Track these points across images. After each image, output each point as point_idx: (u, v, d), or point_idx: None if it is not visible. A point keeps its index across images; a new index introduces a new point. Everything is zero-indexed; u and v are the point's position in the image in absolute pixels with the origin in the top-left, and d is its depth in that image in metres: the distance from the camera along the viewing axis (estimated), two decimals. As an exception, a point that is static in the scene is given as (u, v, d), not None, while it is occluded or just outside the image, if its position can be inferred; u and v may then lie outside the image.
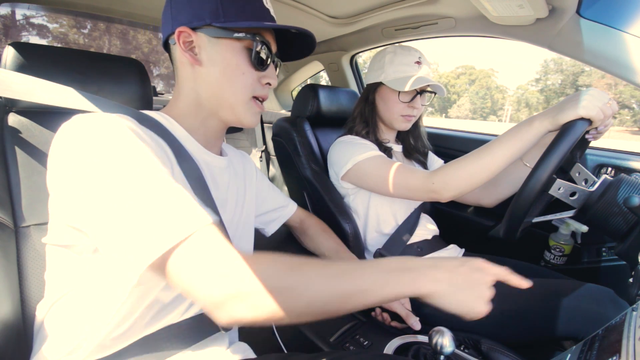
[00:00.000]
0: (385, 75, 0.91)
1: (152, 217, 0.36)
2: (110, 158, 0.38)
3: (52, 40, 10.38)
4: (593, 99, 0.61)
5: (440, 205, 1.23)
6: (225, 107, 0.54)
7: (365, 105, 0.98)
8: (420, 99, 0.92)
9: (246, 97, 0.53)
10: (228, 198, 0.61)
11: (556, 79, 62.52)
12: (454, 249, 1.01)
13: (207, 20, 0.49)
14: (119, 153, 0.39)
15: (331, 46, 1.54)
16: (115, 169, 0.38)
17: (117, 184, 0.37)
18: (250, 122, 0.56)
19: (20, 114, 0.61)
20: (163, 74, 6.99)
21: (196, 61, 0.51)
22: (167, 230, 0.36)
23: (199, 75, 0.52)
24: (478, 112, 70.04)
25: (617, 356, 0.33)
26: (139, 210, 0.36)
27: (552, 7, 0.78)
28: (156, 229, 0.36)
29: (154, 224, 0.36)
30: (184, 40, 0.50)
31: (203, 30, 0.50)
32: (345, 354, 0.53)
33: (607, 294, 0.69)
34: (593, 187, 0.66)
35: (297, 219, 0.88)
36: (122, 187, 0.37)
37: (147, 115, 0.51)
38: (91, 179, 0.38)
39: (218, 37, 0.50)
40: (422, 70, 0.90)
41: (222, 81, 0.52)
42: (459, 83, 72.98)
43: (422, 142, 1.05)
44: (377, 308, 0.77)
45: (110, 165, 0.38)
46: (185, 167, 0.50)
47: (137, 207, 0.36)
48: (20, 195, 0.58)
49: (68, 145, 0.40)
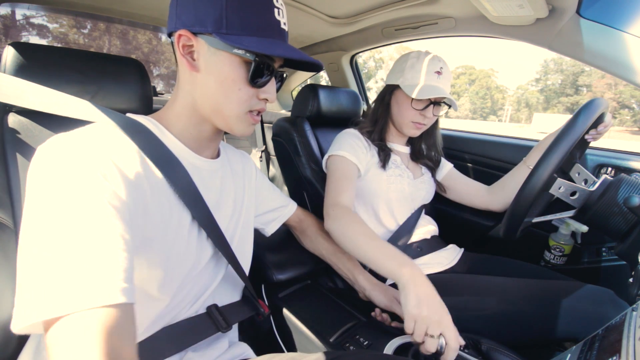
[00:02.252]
0: (403, 79, 0.91)
1: (52, 275, 0.31)
2: (46, 198, 0.35)
3: (52, 40, 10.37)
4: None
5: (440, 205, 1.23)
6: (219, 117, 0.52)
7: (380, 104, 0.98)
8: (434, 109, 0.91)
9: (241, 112, 0.51)
10: (223, 200, 0.61)
11: (556, 79, 62.48)
12: (453, 249, 1.01)
13: (209, 28, 0.46)
14: (56, 194, 0.35)
15: (331, 46, 1.54)
16: (44, 211, 0.34)
17: (39, 227, 0.34)
18: (242, 133, 0.54)
19: (20, 114, 0.61)
20: (163, 74, 6.98)
21: (193, 67, 0.49)
22: (52, 298, 0.31)
23: (196, 81, 0.51)
24: (478, 112, 70.00)
25: (617, 356, 0.33)
26: (42, 263, 0.32)
27: (552, 7, 0.78)
28: (48, 290, 0.31)
29: (49, 284, 0.31)
30: (184, 44, 0.48)
31: (204, 37, 0.47)
32: (345, 354, 0.53)
33: (607, 294, 0.69)
34: (593, 187, 0.66)
35: (297, 218, 0.88)
36: (40, 231, 0.33)
37: (135, 121, 0.50)
38: (26, 214, 0.35)
39: (217, 48, 0.47)
40: (441, 80, 0.89)
41: (218, 93, 0.50)
42: (459, 83, 72.96)
43: (435, 150, 1.05)
44: (377, 309, 0.77)
45: (42, 205, 0.35)
46: (172, 174, 0.48)
47: (43, 259, 0.32)
48: (20, 195, 0.58)
49: (30, 173, 0.38)
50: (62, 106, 0.52)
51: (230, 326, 0.59)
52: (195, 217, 0.52)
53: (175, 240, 0.49)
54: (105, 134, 0.44)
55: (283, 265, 0.84)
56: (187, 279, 0.52)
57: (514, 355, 0.65)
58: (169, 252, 0.48)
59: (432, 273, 0.91)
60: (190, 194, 0.51)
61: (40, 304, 0.31)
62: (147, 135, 0.49)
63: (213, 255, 0.57)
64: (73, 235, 0.33)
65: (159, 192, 0.47)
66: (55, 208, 0.34)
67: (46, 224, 0.34)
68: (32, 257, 0.32)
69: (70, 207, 0.35)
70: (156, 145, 0.49)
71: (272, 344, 0.77)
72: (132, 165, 0.43)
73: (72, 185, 0.36)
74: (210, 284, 0.58)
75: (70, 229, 0.33)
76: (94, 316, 0.31)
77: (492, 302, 0.76)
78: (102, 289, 0.32)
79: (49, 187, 0.36)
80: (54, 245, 0.32)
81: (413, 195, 0.97)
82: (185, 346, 0.53)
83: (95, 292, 0.31)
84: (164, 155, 0.49)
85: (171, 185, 0.48)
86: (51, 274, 0.31)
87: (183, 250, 0.50)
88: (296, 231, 0.91)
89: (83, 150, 0.39)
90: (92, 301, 0.31)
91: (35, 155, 0.39)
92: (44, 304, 0.30)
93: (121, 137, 0.45)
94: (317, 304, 0.79)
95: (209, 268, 0.57)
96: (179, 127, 0.54)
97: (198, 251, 0.54)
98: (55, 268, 0.32)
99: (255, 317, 0.69)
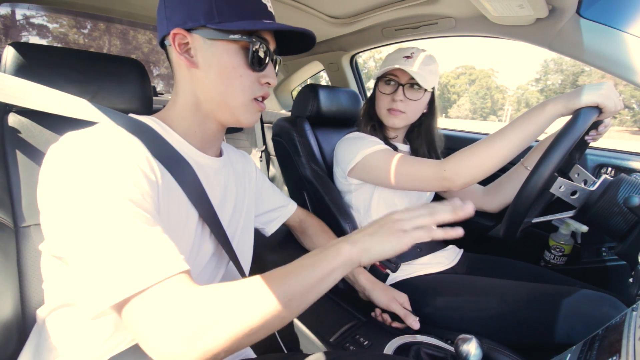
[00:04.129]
0: (378, 72, 0.93)
1: (117, 260, 0.34)
2: (86, 193, 0.37)
3: (52, 40, 10.37)
4: (610, 90, 0.63)
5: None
6: (224, 110, 0.53)
7: (368, 102, 1.00)
8: (405, 92, 0.89)
9: (246, 99, 0.52)
10: (226, 199, 0.61)
11: (556, 79, 62.48)
12: (453, 249, 1.01)
13: (202, 21, 0.47)
14: (95, 188, 0.37)
15: (331, 46, 1.54)
16: (89, 206, 0.36)
17: (89, 220, 0.36)
18: (249, 123, 0.55)
19: (20, 114, 0.61)
20: (163, 74, 6.98)
21: (192, 64, 0.49)
22: (129, 277, 0.34)
23: (196, 78, 0.51)
24: (478, 112, 70.00)
25: (617, 356, 0.33)
26: (105, 251, 0.35)
27: (552, 7, 0.78)
28: (118, 273, 0.34)
29: (117, 267, 0.34)
30: (180, 42, 0.49)
31: (198, 31, 0.48)
32: (345, 354, 0.53)
33: (608, 300, 0.68)
34: (593, 187, 0.66)
35: (297, 218, 0.88)
36: (93, 224, 0.36)
37: (140, 122, 0.50)
38: (65, 212, 0.37)
39: (213, 38, 0.48)
40: (408, 62, 0.87)
41: (220, 84, 0.50)
42: (459, 83, 72.95)
43: (432, 148, 1.02)
44: (377, 309, 0.77)
45: (85, 200, 0.37)
46: (178, 173, 0.49)
47: (105, 247, 0.35)
48: (20, 195, 0.58)
49: (51, 172, 0.40)
50: (65, 106, 0.52)
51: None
52: (201, 214, 0.52)
53: (182, 238, 0.49)
54: (114, 135, 0.44)
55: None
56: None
57: (513, 355, 0.65)
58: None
59: (432, 273, 0.91)
60: (196, 192, 0.51)
61: (121, 282, 0.34)
62: (152, 135, 0.49)
63: (215, 253, 0.58)
64: (125, 224, 0.36)
65: (169, 191, 0.47)
66: (100, 201, 0.37)
67: (97, 215, 0.36)
68: (95, 247, 0.35)
69: (113, 199, 0.37)
70: (162, 144, 0.49)
71: (272, 344, 0.77)
72: (144, 164, 0.44)
73: (104, 180, 0.38)
74: (211, 282, 0.58)
75: (119, 218, 0.36)
76: (173, 283, 0.35)
77: (492, 303, 0.75)
78: (171, 261, 0.36)
79: (87, 183, 0.37)
80: (114, 234, 0.35)
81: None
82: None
83: (166, 265, 0.36)
84: (170, 154, 0.49)
85: (179, 184, 0.49)
86: (121, 257, 0.34)
87: (189, 247, 0.51)
88: (296, 231, 0.91)
89: (103, 147, 0.41)
90: (168, 271, 0.35)
91: (51, 154, 0.40)
92: (125, 282, 0.34)
93: (129, 137, 0.45)
94: (317, 304, 0.78)
95: (211, 266, 0.58)
96: (183, 126, 0.54)
97: (201, 248, 0.54)
98: (123, 252, 0.35)
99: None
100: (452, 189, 0.76)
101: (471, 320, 0.76)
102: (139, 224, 0.37)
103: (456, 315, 0.79)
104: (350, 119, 1.21)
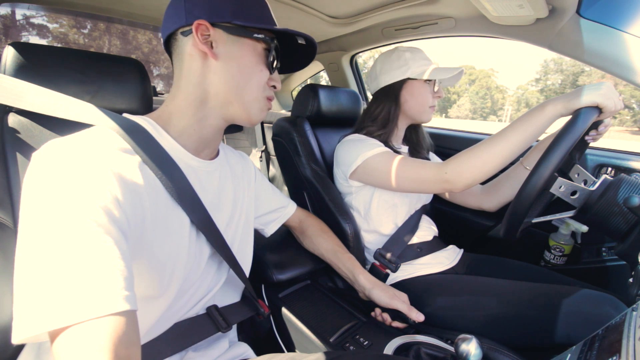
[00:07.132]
0: (411, 72, 0.91)
1: (47, 288, 0.31)
2: (44, 208, 0.34)
3: (52, 40, 10.38)
4: (610, 90, 0.63)
5: (440, 206, 1.23)
6: (237, 103, 0.54)
7: (391, 104, 0.95)
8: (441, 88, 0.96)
9: (260, 95, 0.55)
10: (222, 202, 0.60)
11: (556, 79, 62.48)
12: (453, 249, 1.01)
13: (228, 17, 0.50)
14: (55, 204, 0.34)
15: (331, 46, 1.54)
16: (42, 223, 0.34)
17: (36, 237, 0.33)
18: (257, 119, 0.57)
19: (20, 114, 0.61)
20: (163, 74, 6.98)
21: (213, 55, 0.51)
22: (56, 308, 0.30)
23: (211, 69, 0.52)
24: (478, 112, 69.98)
25: (617, 356, 0.33)
26: (36, 275, 0.31)
27: (552, 7, 0.78)
28: (42, 303, 0.30)
29: (44, 296, 0.30)
30: (202, 33, 0.50)
31: (221, 26, 0.51)
32: (345, 354, 0.53)
33: (608, 300, 0.68)
34: (593, 187, 0.66)
35: (297, 219, 0.88)
36: (38, 243, 0.33)
37: (133, 122, 0.49)
38: (22, 223, 0.35)
39: (238, 35, 0.52)
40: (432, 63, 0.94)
41: (239, 77, 0.53)
42: (459, 83, 72.81)
43: (425, 140, 1.06)
44: (377, 309, 0.77)
45: (39, 216, 0.34)
46: (169, 177, 0.48)
47: (37, 270, 0.31)
48: (20, 195, 0.58)
49: (25, 181, 0.38)
50: (60, 108, 0.52)
51: (231, 326, 0.59)
52: (193, 220, 0.51)
53: (175, 244, 0.48)
54: (101, 139, 0.43)
55: (283, 266, 0.84)
56: (187, 282, 0.52)
57: (513, 355, 0.65)
58: (170, 256, 0.47)
59: (432, 273, 0.91)
60: (187, 197, 0.50)
61: (45, 314, 0.30)
62: (144, 136, 0.48)
63: (213, 258, 0.57)
64: (71, 246, 0.32)
65: (157, 196, 0.46)
66: (53, 217, 0.34)
67: (43, 233, 0.33)
68: (31, 267, 0.32)
69: (68, 216, 0.34)
70: (153, 147, 0.48)
71: (272, 344, 0.77)
72: (130, 170, 0.43)
73: (69, 193, 0.35)
74: (213, 287, 0.58)
75: (68, 239, 0.33)
76: (100, 325, 0.31)
77: (492, 303, 0.75)
78: (106, 298, 0.32)
79: (46, 195, 0.35)
80: (52, 256, 0.32)
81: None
82: (185, 346, 0.53)
83: (99, 301, 0.31)
84: (160, 157, 0.48)
85: (168, 189, 0.48)
86: (52, 284, 0.31)
87: (184, 253, 0.50)
88: (296, 231, 0.91)
89: (80, 157, 0.38)
90: (98, 310, 0.31)
91: (31, 161, 0.38)
92: (48, 314, 0.30)
93: (118, 140, 0.45)
94: (317, 304, 0.79)
95: (211, 271, 0.57)
96: (180, 125, 0.53)
97: (197, 254, 0.53)
98: (56, 278, 0.31)
99: (255, 317, 0.69)
100: (453, 191, 0.77)
101: (471, 320, 0.76)
102: (88, 248, 0.33)
103: (456, 315, 0.79)
104: (351, 119, 1.21)
